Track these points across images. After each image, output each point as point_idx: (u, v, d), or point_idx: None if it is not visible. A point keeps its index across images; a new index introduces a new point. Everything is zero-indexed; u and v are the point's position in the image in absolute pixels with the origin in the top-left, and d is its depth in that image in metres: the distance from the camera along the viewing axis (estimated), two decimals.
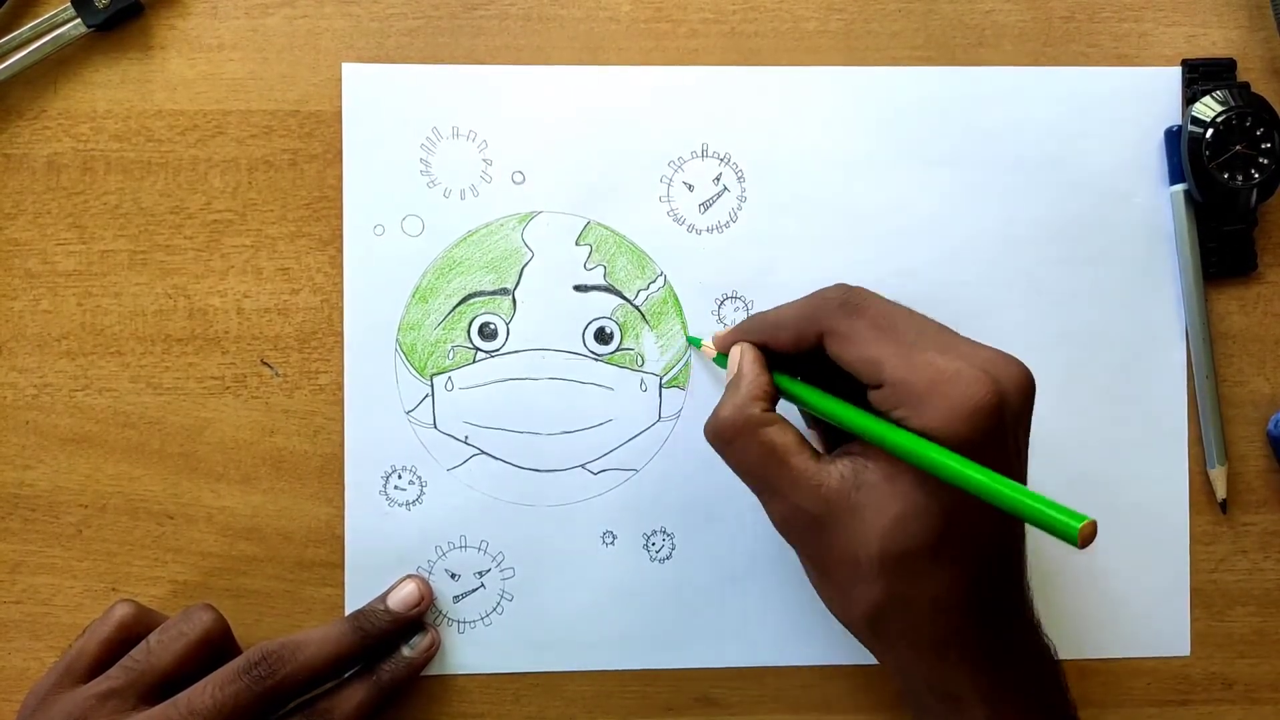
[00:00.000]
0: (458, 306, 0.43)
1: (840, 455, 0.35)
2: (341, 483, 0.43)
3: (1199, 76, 0.44)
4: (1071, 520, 0.28)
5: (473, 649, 0.43)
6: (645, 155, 0.44)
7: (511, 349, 0.43)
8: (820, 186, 0.44)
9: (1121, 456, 0.45)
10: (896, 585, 0.33)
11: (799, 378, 0.38)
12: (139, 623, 0.39)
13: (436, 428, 0.43)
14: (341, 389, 0.43)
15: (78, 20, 0.42)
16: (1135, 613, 0.44)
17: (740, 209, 0.44)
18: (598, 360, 0.44)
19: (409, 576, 0.43)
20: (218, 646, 0.39)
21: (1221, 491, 0.45)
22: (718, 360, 0.41)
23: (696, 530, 0.44)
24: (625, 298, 0.44)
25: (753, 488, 0.37)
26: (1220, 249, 0.44)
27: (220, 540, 0.43)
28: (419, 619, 0.42)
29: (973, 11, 0.45)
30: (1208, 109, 0.43)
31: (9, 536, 0.43)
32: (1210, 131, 0.43)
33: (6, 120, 0.43)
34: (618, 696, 0.44)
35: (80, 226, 0.43)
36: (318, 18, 0.43)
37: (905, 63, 0.44)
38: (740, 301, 0.44)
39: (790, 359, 0.38)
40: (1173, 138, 0.44)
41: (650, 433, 0.44)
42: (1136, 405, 0.45)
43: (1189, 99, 0.44)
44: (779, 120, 0.44)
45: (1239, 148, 0.43)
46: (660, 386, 0.44)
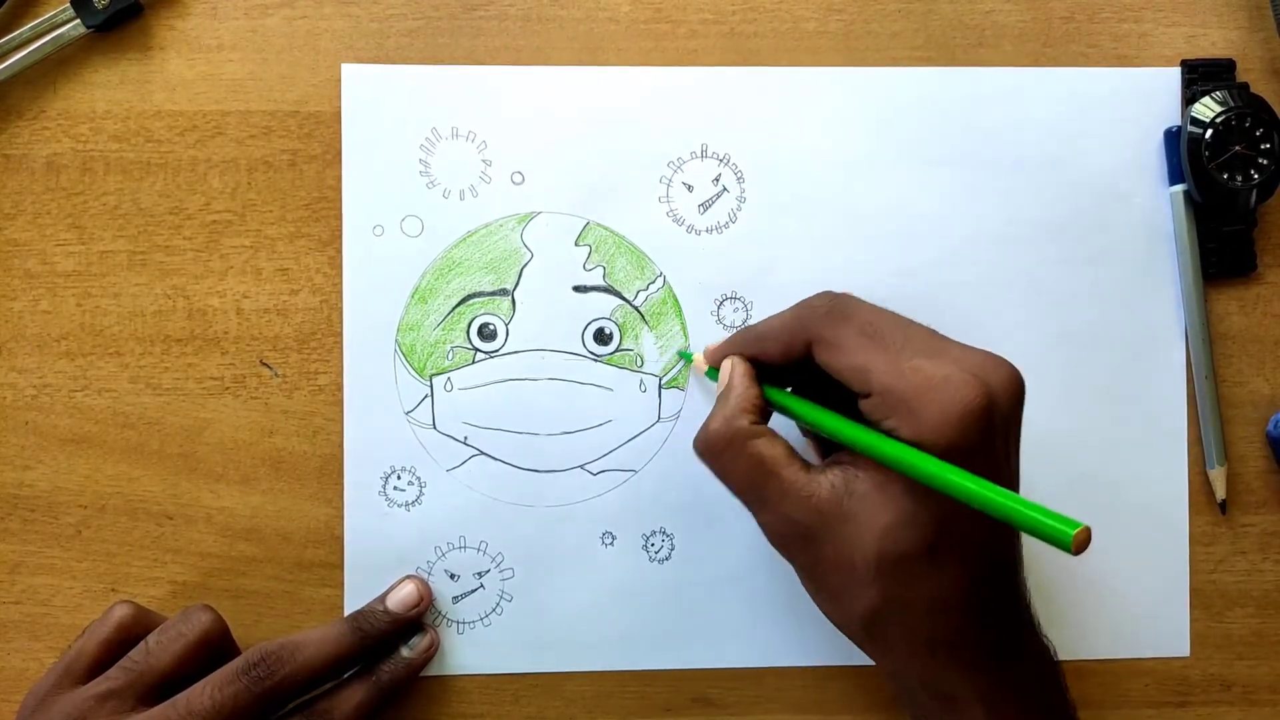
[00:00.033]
0: (457, 307, 0.43)
1: (831, 465, 0.35)
2: (341, 483, 0.43)
3: (1199, 77, 0.44)
4: (1065, 527, 0.28)
5: (472, 649, 0.43)
6: (645, 156, 0.44)
7: (511, 350, 0.43)
8: (820, 187, 0.44)
9: (1121, 457, 0.45)
10: (892, 589, 0.33)
11: (792, 389, 0.38)
12: (138, 623, 0.39)
13: (436, 428, 0.43)
14: (341, 389, 0.43)
15: (77, 21, 0.42)
16: (1134, 613, 0.44)
17: (740, 209, 0.44)
18: (597, 361, 0.44)
19: (408, 577, 0.43)
20: (217, 647, 0.39)
21: (1221, 492, 0.44)
22: (709, 374, 0.41)
23: (696, 531, 0.44)
24: (625, 298, 0.44)
25: (743, 500, 0.37)
26: (1220, 249, 0.44)
27: (219, 541, 0.43)
28: (418, 619, 0.42)
29: (973, 11, 0.45)
30: (1207, 109, 0.43)
31: (9, 537, 0.43)
32: (1210, 132, 0.43)
33: (6, 120, 0.43)
34: (617, 697, 0.44)
35: (79, 227, 0.43)
36: (317, 18, 0.43)
37: (905, 63, 0.44)
38: (740, 302, 0.44)
39: (783, 371, 0.38)
40: (1172, 138, 0.44)
41: (649, 433, 0.44)
42: (1136, 405, 0.45)
43: (1189, 99, 0.44)
44: (779, 121, 0.44)
45: (1238, 148, 0.43)
46: (659, 387, 0.44)
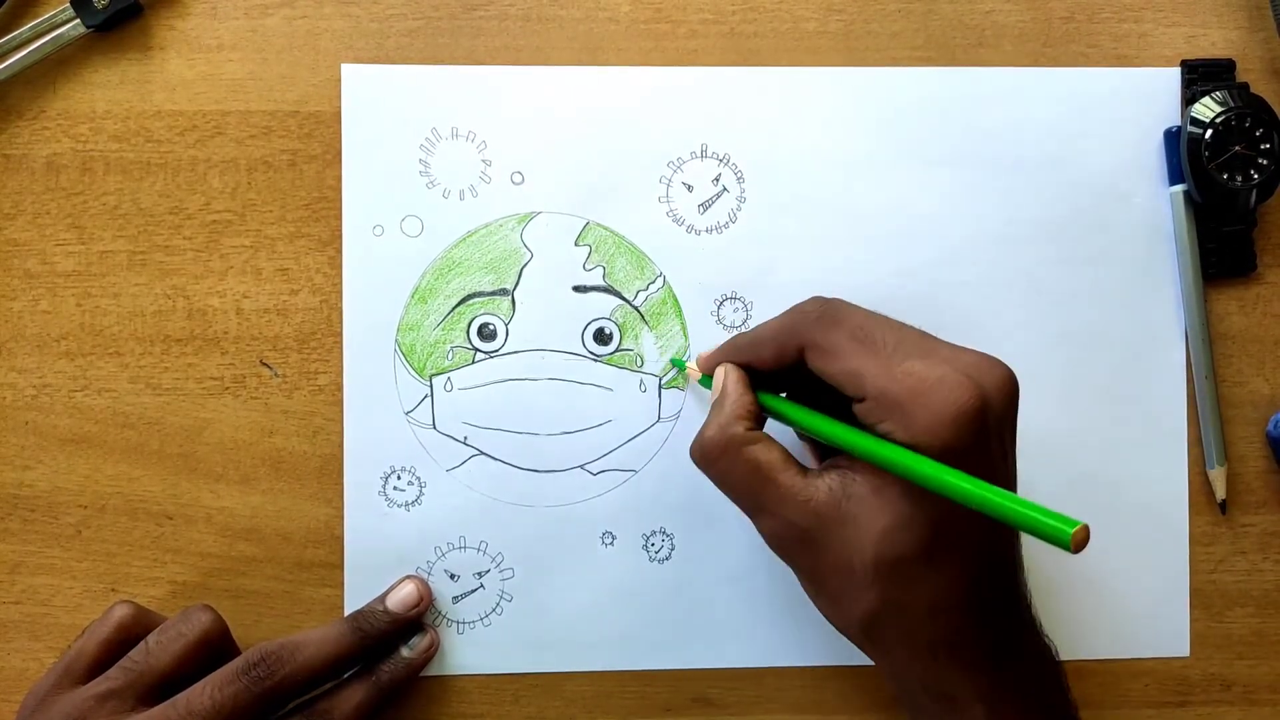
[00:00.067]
0: (457, 307, 0.43)
1: (827, 469, 0.35)
2: (341, 483, 0.43)
3: (1198, 77, 0.44)
4: (1063, 526, 0.28)
5: (472, 649, 0.43)
6: (644, 156, 0.44)
7: (511, 349, 0.43)
8: (820, 186, 0.44)
9: (1121, 456, 0.45)
10: (891, 591, 0.33)
11: (785, 395, 0.38)
12: (138, 623, 0.39)
13: (436, 428, 0.43)
14: (341, 389, 0.43)
15: (77, 21, 0.42)
16: (1134, 613, 0.44)
17: (740, 209, 0.44)
18: (597, 361, 0.44)
19: (408, 577, 0.43)
20: (217, 647, 0.39)
21: (1221, 492, 0.44)
22: (703, 382, 0.41)
23: (696, 531, 0.44)
24: (624, 298, 0.44)
25: (741, 506, 0.37)
26: (1220, 249, 0.44)
27: (219, 541, 0.43)
28: (418, 619, 0.42)
29: (973, 11, 0.45)
30: (1207, 109, 0.43)
31: (9, 537, 0.43)
32: (1210, 132, 0.43)
33: (6, 120, 0.43)
34: (617, 697, 0.44)
35: (79, 227, 0.43)
36: (317, 18, 0.43)
37: (905, 63, 0.44)
38: (740, 302, 0.44)
39: (776, 377, 0.38)
40: (1172, 138, 0.44)
41: (649, 433, 0.44)
42: (1136, 405, 0.45)
43: (1188, 99, 0.44)
44: (779, 121, 0.44)
45: (1238, 148, 0.43)
46: (659, 387, 0.44)
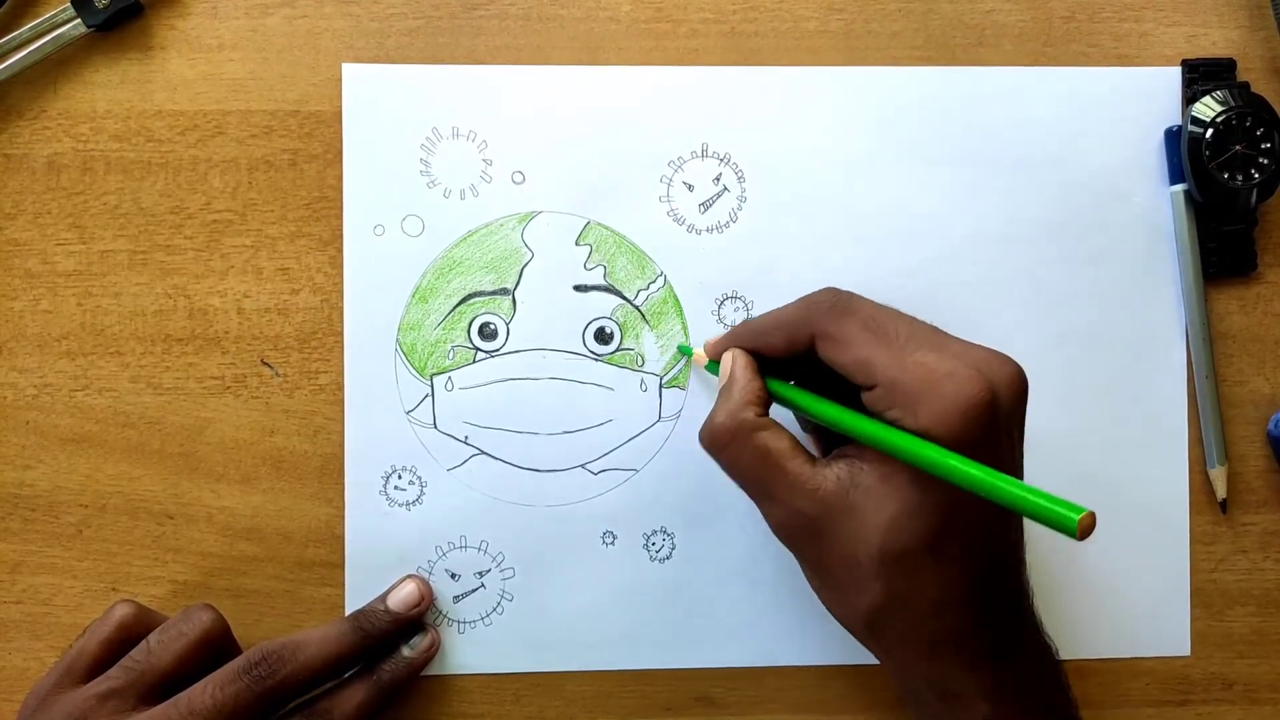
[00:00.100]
0: (458, 306, 0.43)
1: (835, 458, 0.35)
2: (341, 483, 0.43)
3: (1199, 76, 0.44)
4: (1069, 512, 0.28)
5: (473, 649, 0.43)
6: (645, 155, 0.44)
7: (511, 349, 0.43)
8: (820, 186, 0.44)
9: (1121, 456, 0.45)
10: (896, 584, 0.33)
11: (792, 382, 0.38)
12: (139, 623, 0.39)
13: (436, 428, 0.43)
14: (341, 389, 0.43)
15: (78, 20, 0.42)
16: (1135, 613, 0.44)
17: (740, 209, 0.44)
18: (598, 360, 0.44)
19: (409, 576, 0.43)
20: (217, 646, 0.39)
21: (1221, 491, 0.45)
22: (709, 367, 0.41)
23: (696, 530, 0.44)
24: (625, 298, 0.44)
25: (749, 493, 0.37)
26: (1220, 249, 0.44)
27: (220, 540, 0.43)
28: (419, 619, 0.42)
29: (973, 11, 0.45)
30: (1208, 109, 0.43)
31: (9, 536, 0.43)
32: (1210, 131, 0.43)
33: (6, 120, 0.43)
34: (617, 696, 0.44)
35: (80, 226, 0.43)
36: (318, 18, 0.43)
37: (905, 63, 0.44)
38: (740, 301, 0.44)
39: (782, 364, 0.38)
40: (1172, 138, 0.44)
41: (650, 433, 0.44)
42: (1136, 405, 0.45)
43: (1189, 99, 0.44)
44: (779, 120, 0.44)
45: (1239, 148, 0.43)
46: (660, 386, 0.44)
